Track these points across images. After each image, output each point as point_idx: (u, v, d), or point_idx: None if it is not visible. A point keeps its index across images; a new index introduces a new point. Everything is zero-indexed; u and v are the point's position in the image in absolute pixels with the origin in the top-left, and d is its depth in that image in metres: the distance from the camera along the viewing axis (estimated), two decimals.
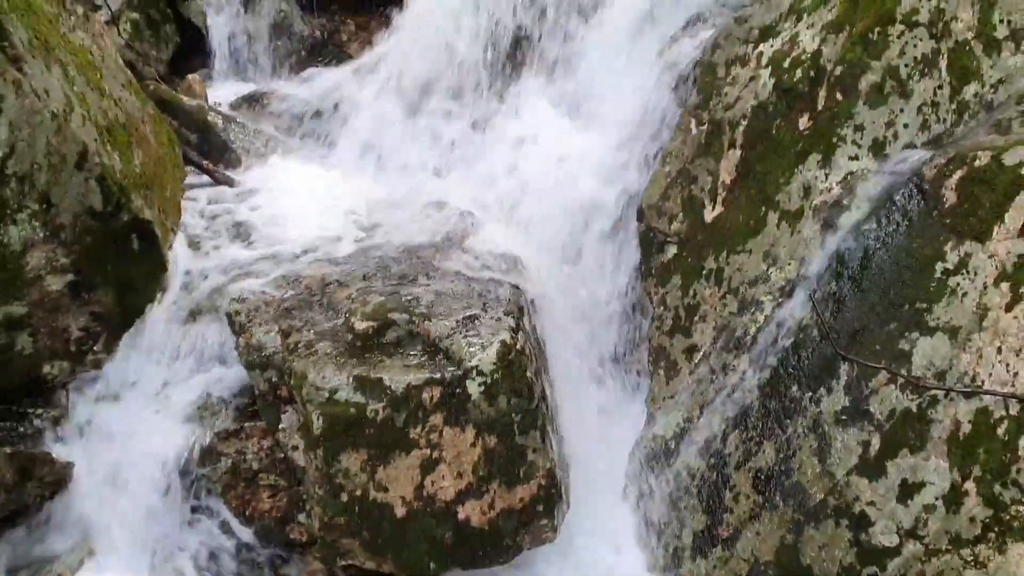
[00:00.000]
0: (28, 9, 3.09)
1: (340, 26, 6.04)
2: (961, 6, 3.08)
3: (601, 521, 3.38)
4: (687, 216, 3.65)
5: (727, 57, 3.72)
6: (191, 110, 4.78)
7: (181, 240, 3.84)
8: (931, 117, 3.06)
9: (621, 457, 3.52)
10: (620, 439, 3.58)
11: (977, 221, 2.67)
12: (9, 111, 2.88)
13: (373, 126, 4.89)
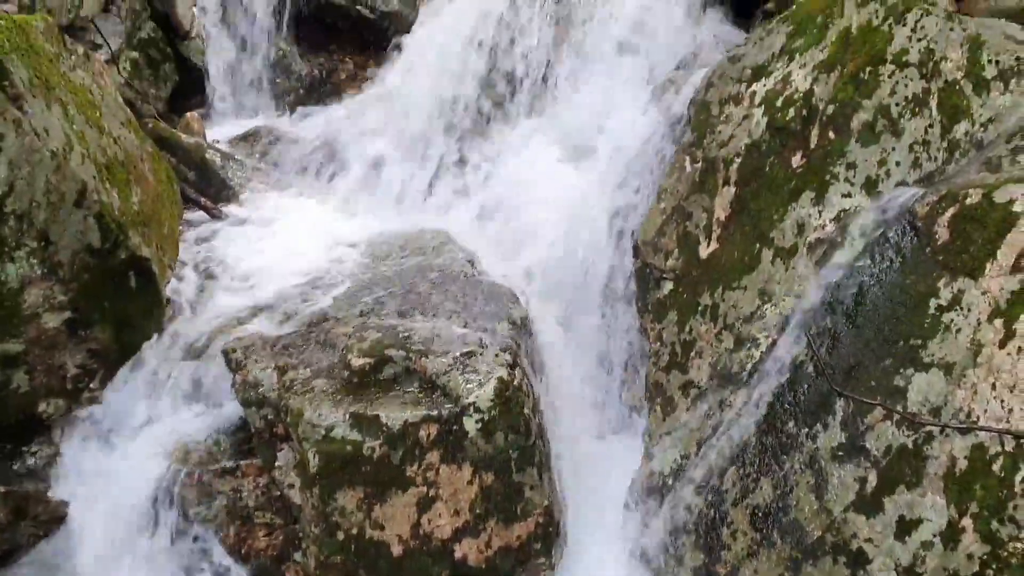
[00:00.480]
0: (29, 49, 3.13)
1: (338, 65, 6.10)
2: (950, 47, 3.12)
3: (599, 558, 3.36)
4: (682, 252, 3.67)
5: (720, 96, 3.76)
6: (189, 147, 4.82)
7: (178, 276, 3.85)
8: (922, 155, 3.10)
9: (619, 493, 3.51)
10: (617, 475, 3.56)
11: (970, 258, 2.69)
12: (9, 150, 2.90)
13: (370, 163, 4.93)
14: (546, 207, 4.21)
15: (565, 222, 4.10)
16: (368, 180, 4.89)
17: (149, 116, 4.99)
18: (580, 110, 4.60)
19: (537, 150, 4.56)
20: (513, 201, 4.34)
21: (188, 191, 4.47)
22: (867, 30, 3.30)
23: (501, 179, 4.53)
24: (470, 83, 4.99)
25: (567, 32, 4.91)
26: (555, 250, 4.07)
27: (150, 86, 5.32)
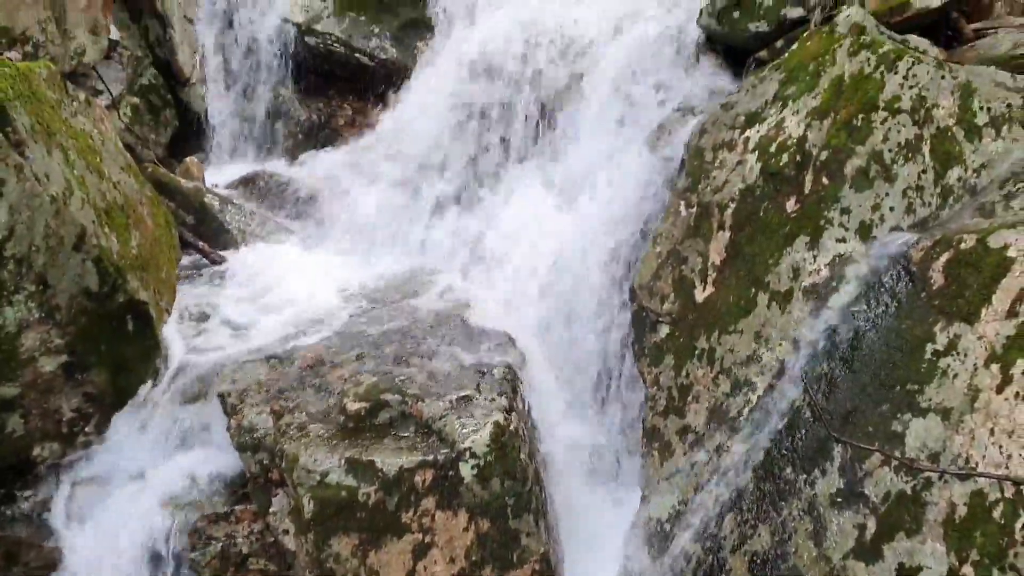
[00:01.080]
0: (32, 96, 3.17)
1: (337, 111, 6.15)
2: (942, 94, 3.17)
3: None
4: (678, 296, 3.68)
5: (714, 142, 3.80)
6: (188, 192, 4.85)
7: (175, 320, 3.85)
8: (916, 200, 3.12)
9: (616, 539, 3.48)
10: (615, 520, 3.54)
11: (965, 303, 2.70)
12: (10, 195, 2.92)
13: (367, 208, 4.96)
14: (541, 251, 4.23)
15: (560, 266, 4.12)
16: (365, 224, 4.91)
17: (149, 161, 5.03)
18: (575, 156, 4.64)
19: (532, 195, 4.59)
20: (509, 245, 4.36)
21: (186, 235, 4.49)
22: (859, 78, 3.34)
23: (497, 223, 4.55)
24: (466, 129, 5.04)
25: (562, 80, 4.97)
26: (550, 294, 4.09)
27: (150, 131, 5.36)
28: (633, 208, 4.18)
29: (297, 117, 6.07)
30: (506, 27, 5.16)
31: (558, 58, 5.01)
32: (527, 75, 5.01)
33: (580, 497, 3.60)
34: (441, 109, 5.15)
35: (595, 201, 4.39)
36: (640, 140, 4.42)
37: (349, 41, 5.81)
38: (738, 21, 4.30)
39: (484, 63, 5.09)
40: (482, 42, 5.17)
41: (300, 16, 5.84)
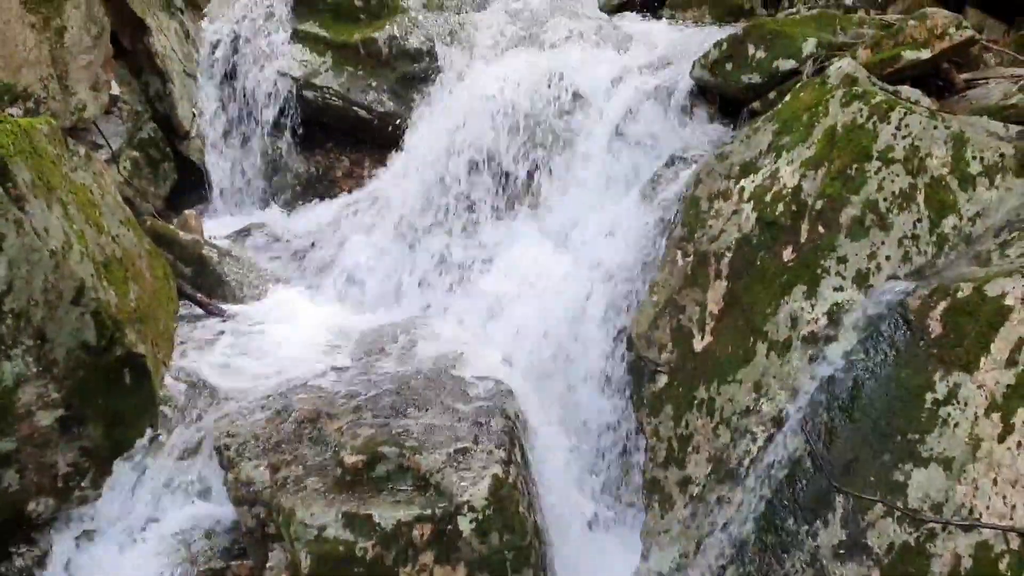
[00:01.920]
0: (33, 151, 3.19)
1: (335, 162, 6.20)
2: (935, 144, 3.20)
3: None
4: (676, 346, 3.68)
5: (709, 191, 3.82)
6: (186, 244, 4.87)
7: (173, 372, 3.83)
8: (912, 249, 3.14)
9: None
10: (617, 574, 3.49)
11: (964, 351, 2.71)
12: (9, 250, 2.92)
13: (365, 259, 4.98)
14: (538, 301, 4.24)
15: (558, 316, 4.12)
16: (362, 275, 4.92)
17: (147, 214, 5.05)
18: (571, 205, 4.68)
19: (529, 245, 4.61)
20: (506, 295, 4.36)
21: (184, 287, 4.49)
22: (852, 128, 3.38)
23: (494, 273, 4.57)
24: (463, 179, 5.07)
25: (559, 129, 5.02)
26: (548, 343, 4.08)
27: (149, 184, 5.40)
28: (630, 257, 4.19)
29: (295, 169, 6.11)
30: (503, 80, 5.23)
31: (554, 109, 5.07)
32: (523, 126, 5.06)
33: (581, 549, 3.56)
34: (437, 160, 5.19)
35: (591, 251, 4.41)
36: (636, 189, 4.45)
37: (347, 95, 5.87)
38: (731, 73, 4.36)
39: (480, 115, 5.14)
40: (479, 95, 5.24)
41: (298, 71, 5.91)
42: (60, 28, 4.14)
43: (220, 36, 6.09)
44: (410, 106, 5.84)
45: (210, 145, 5.94)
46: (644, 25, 6.19)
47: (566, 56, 5.43)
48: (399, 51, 5.86)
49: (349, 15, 6.01)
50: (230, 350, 4.12)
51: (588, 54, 5.45)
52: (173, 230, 4.95)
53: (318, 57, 5.97)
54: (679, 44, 5.42)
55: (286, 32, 6.06)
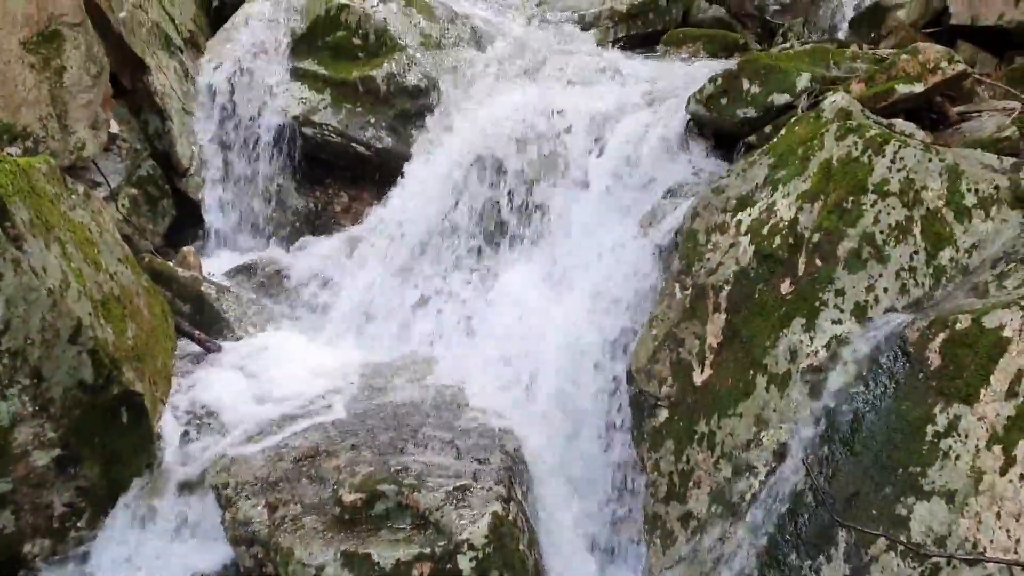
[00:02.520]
0: (31, 191, 3.21)
1: (334, 198, 6.22)
2: (930, 176, 3.22)
3: None
4: (676, 379, 3.66)
5: (707, 225, 3.83)
6: (185, 281, 4.87)
7: (170, 410, 3.82)
8: (909, 281, 3.14)
9: None
10: None
11: (963, 383, 2.70)
12: (7, 289, 2.93)
13: (363, 295, 4.97)
14: (537, 335, 4.22)
15: (557, 350, 4.11)
16: (361, 311, 4.91)
17: (146, 251, 5.06)
18: (568, 241, 4.68)
19: (528, 279, 4.60)
20: (504, 330, 4.35)
21: (182, 324, 4.48)
22: (847, 161, 3.40)
23: (492, 308, 4.56)
24: (461, 215, 5.09)
25: (556, 165, 5.04)
26: (547, 378, 4.06)
27: (148, 221, 5.41)
28: (628, 291, 4.19)
29: (294, 206, 6.13)
30: (500, 116, 5.26)
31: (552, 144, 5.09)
32: (521, 162, 5.08)
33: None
34: (436, 196, 5.20)
35: (589, 285, 4.40)
36: (633, 223, 4.46)
37: (345, 131, 5.90)
38: (726, 107, 4.38)
39: (478, 151, 5.16)
40: (477, 131, 5.26)
41: (298, 108, 5.95)
42: (60, 68, 4.19)
43: (220, 74, 6.13)
44: (408, 142, 5.85)
45: (209, 182, 5.96)
46: (640, 61, 6.25)
47: (564, 92, 5.47)
48: (397, 88, 5.90)
49: (348, 53, 6.06)
50: (228, 387, 4.11)
51: (585, 90, 5.49)
52: (171, 267, 4.95)
53: (317, 95, 6.01)
54: (675, 79, 5.46)
55: (285, 70, 6.11)
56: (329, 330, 4.90)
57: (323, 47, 6.12)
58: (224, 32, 6.33)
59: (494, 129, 5.23)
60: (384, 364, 4.41)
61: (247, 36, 6.21)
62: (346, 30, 6.08)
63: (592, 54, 6.24)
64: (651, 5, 7.25)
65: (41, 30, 4.12)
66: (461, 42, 6.30)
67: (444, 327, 4.75)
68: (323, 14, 6.14)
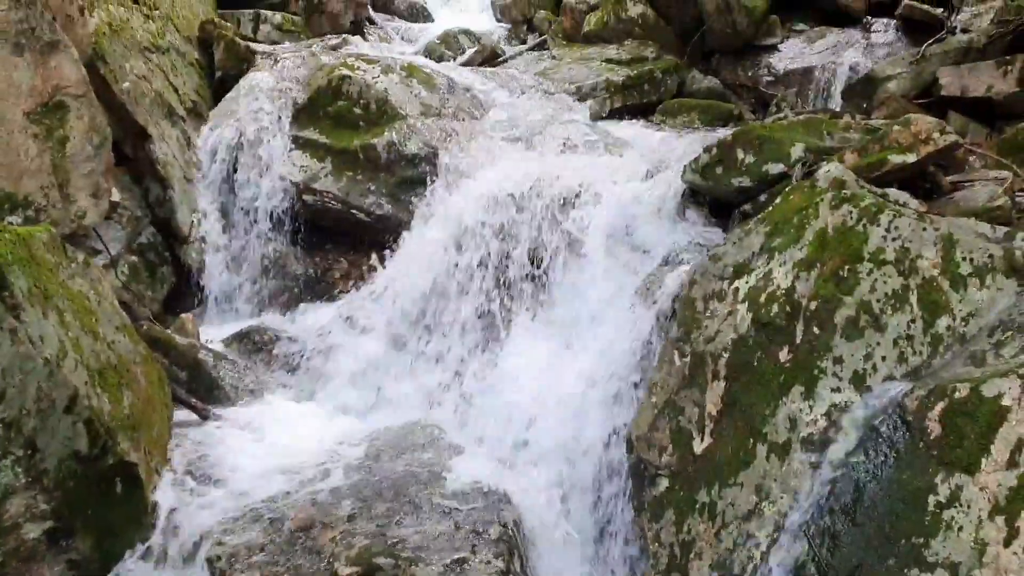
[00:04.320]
0: (31, 260, 3.22)
1: (333, 264, 6.25)
2: (925, 245, 3.24)
3: None
4: (676, 448, 3.64)
5: (704, 292, 3.84)
6: (182, 348, 4.86)
7: (165, 480, 3.78)
8: (907, 350, 3.14)
9: None
10: None
11: (964, 453, 2.68)
12: (3, 359, 2.92)
13: (361, 362, 4.96)
14: (537, 402, 4.21)
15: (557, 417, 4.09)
16: (360, 378, 4.90)
17: (144, 318, 5.06)
18: (568, 307, 4.69)
19: (527, 345, 4.61)
20: (505, 396, 4.34)
21: (179, 392, 4.47)
22: (843, 230, 3.42)
23: (492, 374, 4.55)
24: (460, 280, 5.11)
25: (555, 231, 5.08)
26: (546, 446, 4.04)
27: (147, 288, 5.43)
28: (628, 357, 4.19)
29: (293, 272, 6.15)
30: (499, 184, 5.32)
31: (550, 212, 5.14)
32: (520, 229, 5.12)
33: None
34: (435, 262, 5.23)
35: (589, 351, 4.41)
36: (632, 289, 4.48)
37: (346, 198, 5.96)
38: (722, 176, 4.43)
39: (478, 218, 5.21)
40: (476, 198, 5.32)
41: (299, 175, 6.02)
42: (63, 138, 4.24)
43: (222, 142, 6.20)
44: (408, 209, 5.91)
45: (209, 248, 5.99)
46: (636, 130, 6.36)
47: (562, 161, 5.55)
48: (398, 156, 5.98)
49: (349, 122, 6.15)
50: (224, 456, 4.08)
51: (583, 159, 5.57)
52: (169, 335, 4.95)
53: (318, 162, 6.08)
54: (670, 148, 5.55)
55: (287, 139, 6.19)
56: (325, 396, 4.88)
57: (324, 116, 6.21)
58: (227, 102, 6.43)
59: (493, 196, 5.28)
60: (381, 431, 4.38)
61: (249, 105, 6.31)
62: (347, 100, 6.18)
63: (589, 124, 6.35)
64: (647, 76, 7.39)
65: (45, 101, 4.18)
66: (461, 111, 6.40)
67: (442, 393, 4.74)
68: (325, 84, 6.25)
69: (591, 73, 7.41)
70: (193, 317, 5.43)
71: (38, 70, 4.14)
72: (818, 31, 7.71)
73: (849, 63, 7.00)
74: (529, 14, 9.73)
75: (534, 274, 5.02)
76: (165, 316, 5.55)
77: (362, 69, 6.33)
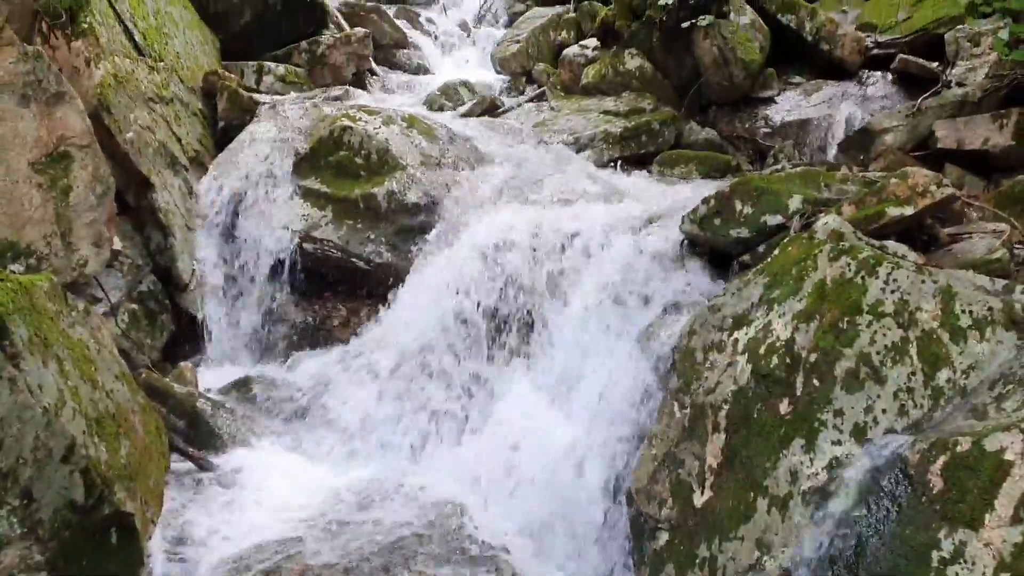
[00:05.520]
0: (32, 308, 3.22)
1: (332, 312, 6.25)
2: (923, 298, 3.25)
3: None
4: (677, 501, 3.61)
5: (704, 343, 3.85)
6: (181, 397, 4.84)
7: (161, 530, 3.75)
8: (908, 402, 3.14)
9: None
10: None
11: (967, 508, 2.66)
12: (2, 408, 2.91)
13: (359, 411, 4.94)
14: (536, 454, 4.18)
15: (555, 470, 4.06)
16: (357, 428, 4.87)
17: (143, 366, 5.05)
18: (566, 357, 4.69)
19: (526, 396, 4.59)
20: (503, 449, 4.31)
21: (176, 441, 4.45)
22: (841, 282, 3.44)
23: (491, 426, 4.53)
24: (458, 329, 5.11)
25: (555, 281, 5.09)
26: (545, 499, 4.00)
27: (147, 336, 5.42)
28: (627, 407, 4.18)
29: (292, 320, 6.15)
30: (498, 233, 5.35)
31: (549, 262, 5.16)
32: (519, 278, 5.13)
33: None
34: (433, 311, 5.24)
35: (588, 402, 4.39)
36: (630, 339, 4.48)
37: (346, 247, 5.98)
38: (720, 227, 4.46)
39: (476, 267, 5.23)
40: (475, 248, 5.34)
41: (299, 224, 6.05)
42: (66, 188, 4.28)
43: (223, 191, 6.24)
44: (408, 257, 5.93)
45: (209, 296, 5.99)
46: (634, 181, 6.40)
47: (560, 210, 5.58)
48: (398, 205, 6.01)
49: (350, 172, 6.20)
50: (220, 507, 4.05)
51: (581, 208, 5.60)
52: (168, 383, 4.94)
53: (319, 211, 6.11)
54: (669, 199, 5.59)
55: (288, 188, 6.23)
56: (323, 447, 4.85)
57: (326, 166, 6.26)
58: (229, 151, 6.49)
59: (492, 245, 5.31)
60: (378, 482, 4.35)
61: (251, 155, 6.37)
62: (348, 150, 6.24)
63: (588, 174, 6.39)
64: (644, 128, 7.46)
65: (50, 151, 4.22)
66: (460, 161, 6.45)
67: (440, 443, 4.71)
68: (326, 135, 6.31)
69: (589, 124, 7.49)
70: (192, 366, 5.43)
71: (44, 121, 4.19)
72: (814, 84, 7.81)
73: (845, 116, 7.08)
74: (528, 66, 9.87)
75: (532, 323, 5.02)
76: (164, 364, 5.53)
77: (363, 120, 6.40)
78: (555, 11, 10.58)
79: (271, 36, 8.55)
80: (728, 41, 7.50)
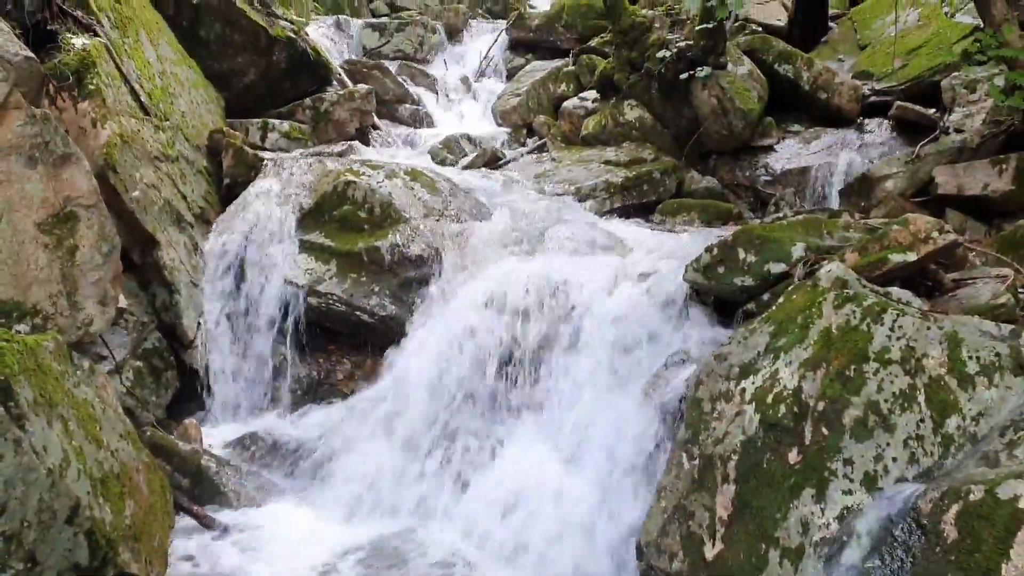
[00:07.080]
0: (37, 369, 3.22)
1: (336, 365, 6.23)
2: (930, 344, 3.24)
3: None
4: (687, 554, 3.56)
5: (711, 393, 3.83)
6: (185, 455, 4.82)
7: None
8: (918, 450, 3.11)
9: None
10: None
11: (983, 558, 2.62)
12: (6, 470, 2.90)
13: (364, 467, 4.89)
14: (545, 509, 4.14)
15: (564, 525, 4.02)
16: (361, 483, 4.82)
17: (148, 423, 5.03)
18: (572, 408, 4.66)
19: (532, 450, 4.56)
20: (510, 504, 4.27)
21: (181, 499, 4.41)
22: (847, 330, 3.43)
23: (497, 481, 4.48)
24: (463, 382, 5.09)
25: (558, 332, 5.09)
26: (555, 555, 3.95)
27: (151, 394, 5.40)
28: (635, 459, 4.15)
29: (296, 374, 6.13)
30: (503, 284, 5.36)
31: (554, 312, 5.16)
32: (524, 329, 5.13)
33: None
34: (438, 362, 5.22)
35: (595, 453, 4.36)
36: (637, 390, 4.46)
37: (350, 300, 5.99)
38: (723, 276, 4.46)
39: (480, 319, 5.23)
40: (478, 299, 5.35)
41: (304, 278, 6.06)
42: (72, 247, 4.30)
43: (228, 247, 6.27)
44: (411, 309, 5.92)
45: (214, 352, 5.98)
46: (636, 230, 6.42)
47: (565, 261, 5.59)
48: (401, 258, 6.03)
49: (354, 226, 6.23)
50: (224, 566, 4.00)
51: (586, 259, 5.62)
52: (172, 441, 4.91)
53: (323, 265, 6.13)
54: (672, 248, 5.61)
55: (292, 243, 6.25)
56: (328, 502, 4.79)
57: (330, 220, 6.30)
58: (234, 207, 6.52)
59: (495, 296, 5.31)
60: (384, 538, 4.31)
61: (256, 211, 6.40)
62: (352, 204, 6.27)
63: (589, 223, 6.42)
64: (645, 177, 7.52)
65: (57, 212, 4.25)
66: (463, 213, 6.48)
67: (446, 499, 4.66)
68: (330, 190, 6.35)
69: (590, 174, 7.54)
70: (196, 423, 5.40)
71: (50, 182, 4.22)
72: (813, 132, 7.88)
73: (845, 163, 7.13)
74: (528, 119, 9.97)
75: (537, 376, 5.00)
76: (169, 420, 5.50)
77: (367, 174, 6.45)
78: (554, 64, 10.73)
79: (276, 94, 8.65)
80: (726, 91, 7.59)
